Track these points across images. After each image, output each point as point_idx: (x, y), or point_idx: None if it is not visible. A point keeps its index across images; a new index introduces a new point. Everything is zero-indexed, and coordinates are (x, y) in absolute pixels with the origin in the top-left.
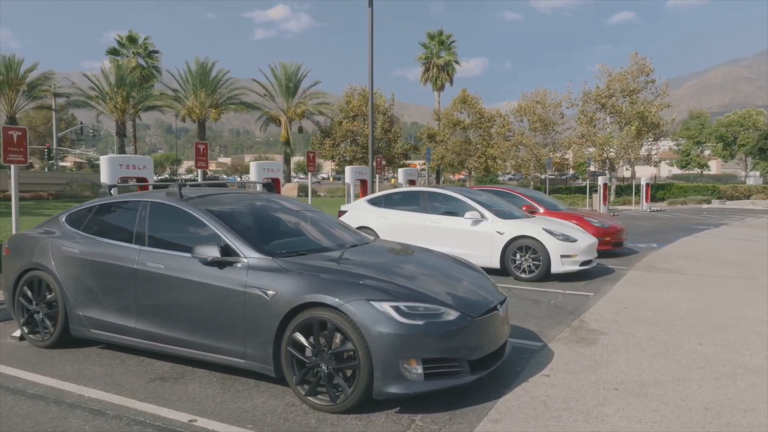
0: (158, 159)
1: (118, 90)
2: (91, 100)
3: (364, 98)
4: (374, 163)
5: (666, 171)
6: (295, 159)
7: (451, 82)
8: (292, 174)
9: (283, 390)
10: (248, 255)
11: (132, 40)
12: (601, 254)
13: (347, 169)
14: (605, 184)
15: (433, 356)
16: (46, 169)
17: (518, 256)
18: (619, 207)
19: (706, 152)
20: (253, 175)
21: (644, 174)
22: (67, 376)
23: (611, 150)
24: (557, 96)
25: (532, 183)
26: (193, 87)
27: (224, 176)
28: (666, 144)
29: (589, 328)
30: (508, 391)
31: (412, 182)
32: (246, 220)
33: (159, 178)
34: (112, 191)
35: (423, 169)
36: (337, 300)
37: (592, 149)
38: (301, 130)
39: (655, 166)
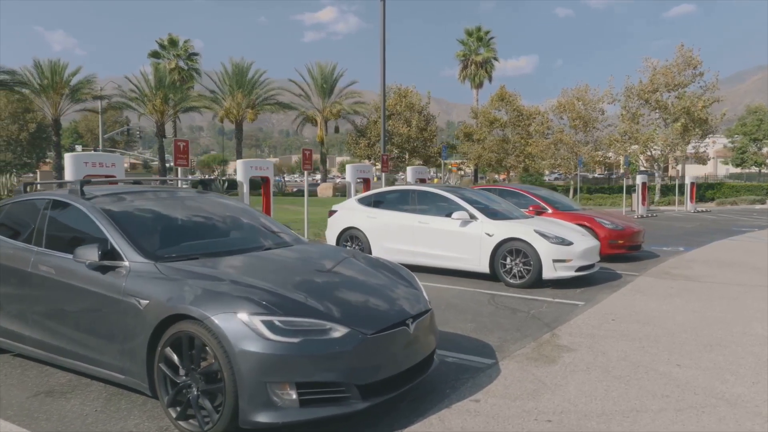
0: (205, 160)
1: (157, 92)
2: (131, 102)
3: (399, 96)
4: (380, 161)
5: (723, 170)
6: (339, 159)
7: (490, 79)
8: (336, 174)
9: (163, 411)
10: (132, 259)
11: (173, 43)
12: (614, 258)
13: (348, 167)
14: (644, 184)
15: (310, 380)
16: None
17: (508, 260)
18: (662, 207)
19: (765, 149)
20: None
21: (697, 173)
22: None
23: (655, 148)
24: (599, 92)
25: (572, 182)
26: (230, 88)
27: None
28: (721, 141)
29: (557, 343)
30: (419, 420)
31: (422, 181)
32: (145, 221)
33: (196, 177)
34: (28, 188)
35: (461, 169)
36: (202, 312)
37: (634, 147)
38: (337, 130)
39: (704, 164)
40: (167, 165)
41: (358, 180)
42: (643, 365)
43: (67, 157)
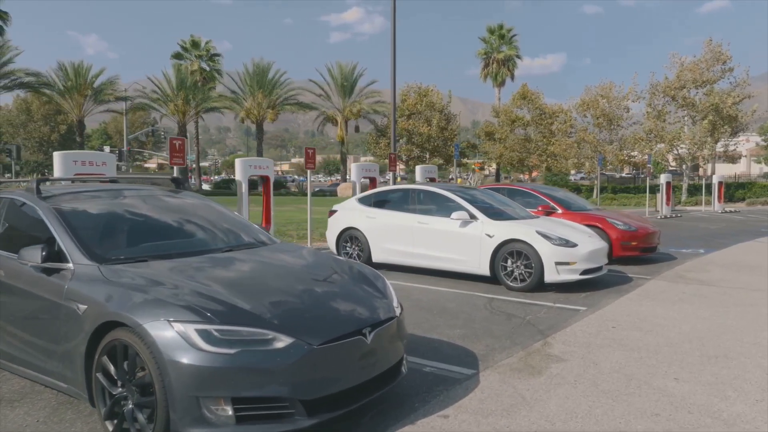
0: (230, 160)
1: (178, 92)
2: (153, 103)
3: (420, 96)
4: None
5: (756, 169)
6: (363, 159)
7: (513, 78)
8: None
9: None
10: (77, 261)
11: (195, 44)
12: (626, 261)
13: (352, 166)
14: (668, 183)
15: (249, 394)
16: (130, 170)
17: (509, 262)
18: (688, 208)
19: None
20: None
21: (728, 172)
22: None
23: (682, 146)
24: (623, 89)
25: (596, 182)
26: (250, 88)
27: (293, 176)
28: (754, 139)
29: (548, 352)
30: None
31: (432, 180)
32: (99, 222)
33: (219, 178)
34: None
35: (482, 168)
36: (134, 319)
37: (660, 146)
38: (357, 129)
39: (735, 162)
40: (192, 165)
41: (364, 179)
42: (636, 378)
43: (56, 156)
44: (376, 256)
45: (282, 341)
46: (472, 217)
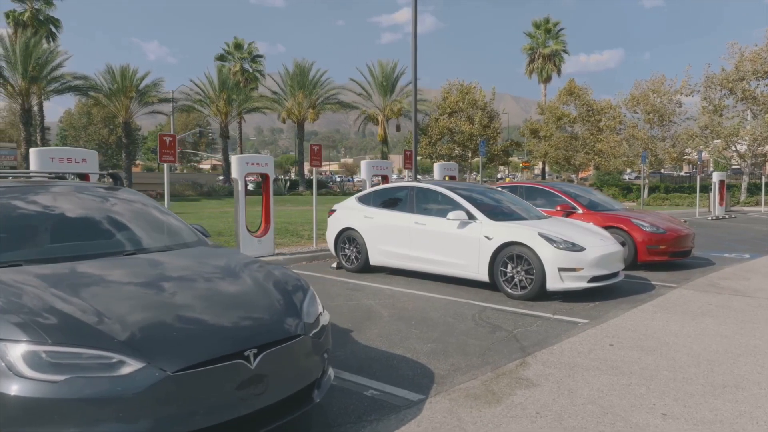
0: (279, 161)
1: (220, 94)
2: (196, 104)
3: (462, 93)
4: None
5: None
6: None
7: (559, 73)
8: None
9: None
10: None
11: (238, 46)
12: (654, 266)
13: (363, 163)
14: (722, 182)
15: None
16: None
17: (509, 267)
18: (747, 208)
19: None
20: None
21: None
22: None
23: (741, 142)
24: (676, 83)
25: (647, 181)
26: (291, 88)
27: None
28: None
29: (519, 375)
30: None
31: (452, 178)
32: (7, 221)
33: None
34: None
35: (526, 167)
36: None
37: (716, 142)
38: (398, 128)
39: None
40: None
41: (375, 178)
42: (613, 413)
43: (32, 152)
44: (374, 259)
45: (130, 366)
46: (471, 217)
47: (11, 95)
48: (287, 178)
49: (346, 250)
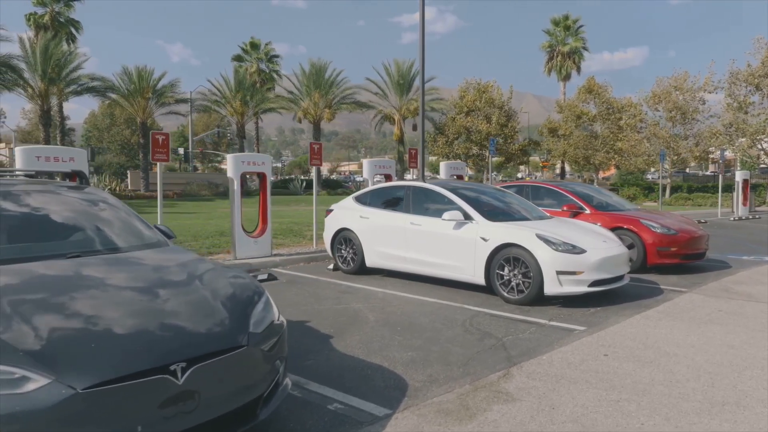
0: (297, 161)
1: (236, 94)
2: (212, 105)
3: (479, 92)
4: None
5: None
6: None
7: (579, 71)
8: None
9: None
10: None
11: (254, 46)
12: (665, 269)
13: (365, 162)
14: (746, 181)
15: None
16: (205, 170)
17: (506, 270)
18: None
19: None
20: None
21: None
22: None
23: (766, 140)
24: (699, 80)
25: (668, 180)
26: (307, 88)
27: (360, 177)
28: None
29: (500, 388)
30: None
31: (459, 177)
32: None
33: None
34: None
35: (545, 167)
36: None
37: (741, 140)
38: (414, 128)
39: None
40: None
41: (378, 177)
42: None
43: (17, 151)
44: (370, 261)
45: (35, 382)
46: (467, 217)
47: (31, 97)
48: (305, 178)
49: (343, 252)
